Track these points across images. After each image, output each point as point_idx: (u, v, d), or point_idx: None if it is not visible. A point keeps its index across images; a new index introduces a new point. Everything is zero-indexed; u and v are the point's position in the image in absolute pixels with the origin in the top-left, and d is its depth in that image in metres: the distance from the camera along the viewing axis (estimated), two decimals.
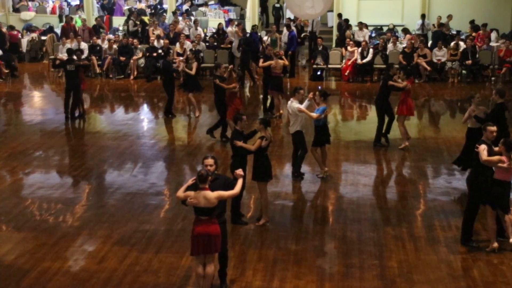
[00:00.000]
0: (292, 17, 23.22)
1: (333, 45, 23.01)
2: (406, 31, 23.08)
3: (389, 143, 13.60)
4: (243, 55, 20.61)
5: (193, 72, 16.06)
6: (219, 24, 23.53)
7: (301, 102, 11.41)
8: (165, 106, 16.39)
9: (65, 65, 16.09)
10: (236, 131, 9.73)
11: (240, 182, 7.50)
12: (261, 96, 17.80)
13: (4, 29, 23.35)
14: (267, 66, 16.07)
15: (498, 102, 10.77)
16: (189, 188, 7.32)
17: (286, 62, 17.22)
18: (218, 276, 7.78)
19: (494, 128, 8.75)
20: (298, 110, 11.08)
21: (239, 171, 7.62)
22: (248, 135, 9.93)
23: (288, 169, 12.03)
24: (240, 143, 9.43)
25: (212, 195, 7.22)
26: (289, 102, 11.47)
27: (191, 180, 7.37)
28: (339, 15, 23.54)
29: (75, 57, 16.25)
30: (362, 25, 22.82)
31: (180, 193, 7.36)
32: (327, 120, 11.70)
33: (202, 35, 22.92)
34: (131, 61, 21.30)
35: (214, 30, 23.65)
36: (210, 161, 7.50)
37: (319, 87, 13.78)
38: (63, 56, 21.45)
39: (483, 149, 8.53)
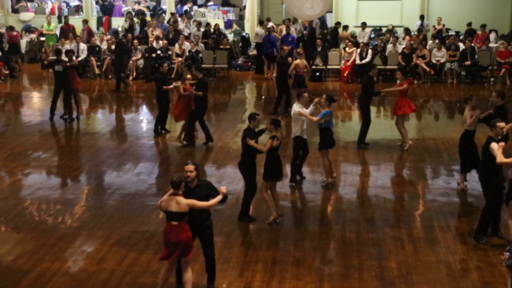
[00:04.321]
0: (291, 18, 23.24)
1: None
2: (407, 31, 23.09)
3: (368, 146, 13.62)
4: (117, 60, 20.11)
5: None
6: (216, 24, 23.54)
7: (306, 106, 11.37)
8: (155, 123, 14.72)
9: (53, 65, 16.04)
10: (249, 129, 9.70)
11: (219, 198, 7.44)
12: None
13: (2, 30, 23.35)
14: (293, 67, 16.27)
15: (499, 104, 10.70)
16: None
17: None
18: (207, 282, 7.79)
19: (503, 124, 8.90)
20: (299, 114, 11.04)
21: (224, 189, 7.54)
22: (257, 134, 9.89)
23: (287, 170, 12.01)
24: (251, 142, 9.47)
25: (184, 201, 7.22)
26: (294, 105, 11.44)
27: (171, 190, 7.36)
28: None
29: (65, 58, 16.20)
30: (364, 25, 22.96)
31: (159, 202, 7.43)
32: (331, 123, 11.39)
33: (200, 36, 22.95)
34: (130, 62, 21.29)
35: (212, 31, 23.65)
36: (190, 167, 7.50)
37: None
38: (62, 57, 21.51)
39: (497, 148, 8.54)
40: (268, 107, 17.09)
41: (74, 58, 16.55)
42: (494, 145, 8.64)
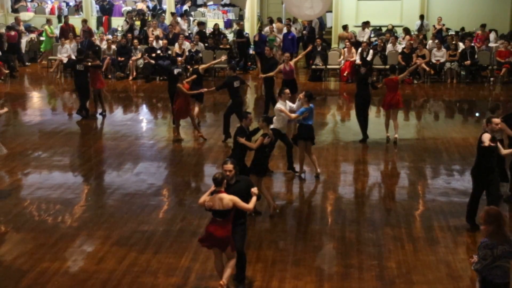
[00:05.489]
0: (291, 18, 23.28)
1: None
2: (406, 31, 23.10)
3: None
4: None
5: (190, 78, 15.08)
6: (215, 24, 23.56)
7: (292, 102, 11.82)
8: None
9: (75, 64, 16.17)
10: (240, 127, 9.95)
11: (254, 199, 7.47)
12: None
13: (1, 30, 23.36)
14: (277, 71, 15.70)
15: None
16: (211, 195, 7.37)
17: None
18: (237, 280, 7.76)
19: (498, 120, 9.15)
20: (279, 110, 11.42)
21: (255, 190, 7.58)
22: (251, 133, 10.13)
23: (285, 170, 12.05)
24: (242, 140, 9.69)
25: (227, 197, 7.24)
26: (277, 102, 11.81)
27: (213, 187, 7.36)
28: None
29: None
30: (365, 25, 23.02)
31: (201, 199, 7.42)
32: (310, 119, 11.62)
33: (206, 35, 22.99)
34: (130, 61, 21.30)
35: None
36: (229, 166, 7.49)
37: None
38: (62, 57, 21.51)
39: (488, 138, 8.83)
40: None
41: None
42: (486, 136, 8.87)
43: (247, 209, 7.41)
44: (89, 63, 16.02)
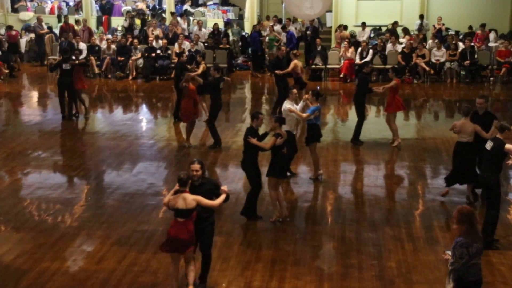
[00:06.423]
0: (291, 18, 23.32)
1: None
2: (406, 31, 23.10)
3: (362, 143, 13.75)
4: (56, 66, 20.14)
5: (199, 71, 15.52)
6: (215, 24, 23.55)
7: (295, 103, 11.53)
8: (175, 110, 15.61)
9: (61, 64, 16.10)
10: (251, 128, 9.75)
11: (222, 197, 7.48)
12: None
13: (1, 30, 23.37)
14: (292, 66, 15.83)
15: None
16: (176, 194, 7.39)
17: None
18: (198, 278, 7.74)
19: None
20: (289, 110, 11.14)
21: (224, 188, 7.60)
22: (261, 136, 9.94)
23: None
24: (254, 141, 9.50)
25: (190, 197, 7.27)
26: (284, 102, 11.54)
27: (177, 186, 7.39)
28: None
29: (73, 56, 16.30)
30: (364, 25, 23.06)
31: (165, 199, 7.46)
32: (319, 119, 11.62)
33: (206, 36, 22.95)
34: (130, 61, 21.29)
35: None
36: (196, 166, 7.52)
37: (318, 87, 13.82)
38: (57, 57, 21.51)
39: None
40: (267, 106, 17.08)
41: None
42: (509, 146, 8.73)
43: (213, 205, 7.42)
44: (77, 62, 16.01)
